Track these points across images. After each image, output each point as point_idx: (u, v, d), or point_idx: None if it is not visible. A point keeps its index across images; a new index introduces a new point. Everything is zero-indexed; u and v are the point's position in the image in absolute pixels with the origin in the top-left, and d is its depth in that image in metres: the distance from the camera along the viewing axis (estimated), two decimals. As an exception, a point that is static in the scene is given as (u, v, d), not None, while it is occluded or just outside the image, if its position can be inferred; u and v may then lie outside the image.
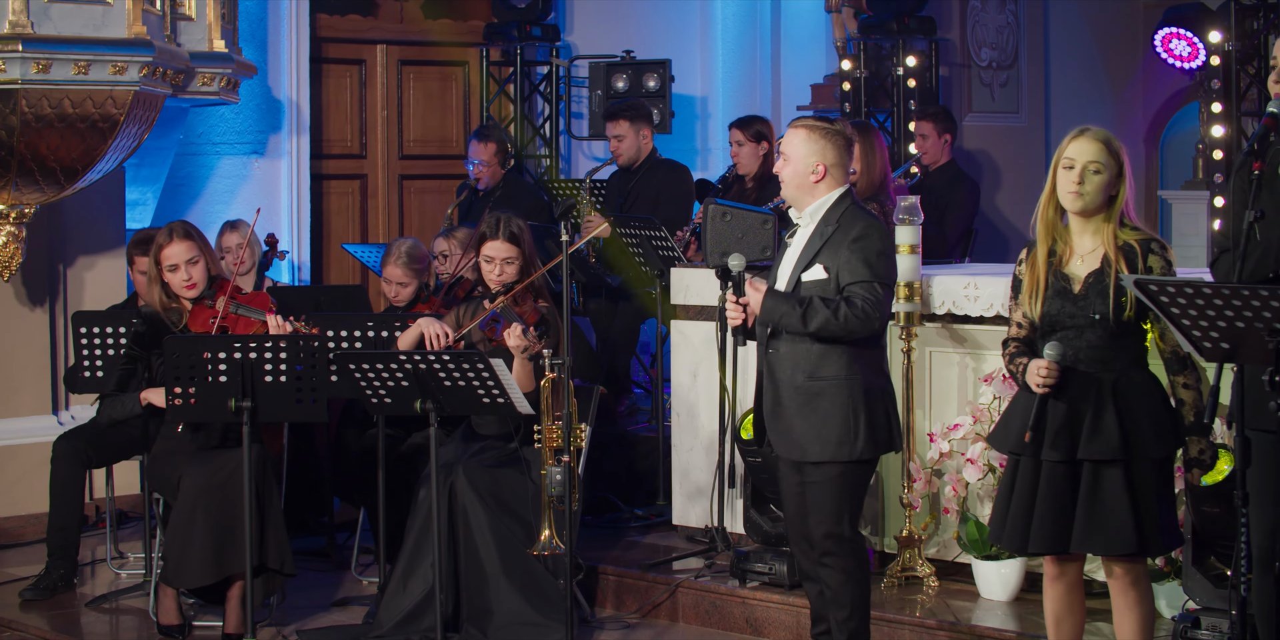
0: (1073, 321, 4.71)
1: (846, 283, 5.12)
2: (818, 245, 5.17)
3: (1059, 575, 4.87)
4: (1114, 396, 4.67)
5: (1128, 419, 4.66)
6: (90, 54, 6.74)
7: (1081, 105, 10.90)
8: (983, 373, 6.07)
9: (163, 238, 6.24)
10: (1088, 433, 4.66)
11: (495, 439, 6.30)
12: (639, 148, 8.71)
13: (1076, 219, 4.77)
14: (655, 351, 8.41)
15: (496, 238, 6.28)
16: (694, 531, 6.97)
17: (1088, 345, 4.70)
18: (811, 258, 5.16)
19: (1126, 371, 4.70)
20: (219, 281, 6.33)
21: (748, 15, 11.05)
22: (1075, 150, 4.71)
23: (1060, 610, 4.90)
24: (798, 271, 5.18)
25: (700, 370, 6.94)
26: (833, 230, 5.16)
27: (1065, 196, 4.72)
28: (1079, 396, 4.69)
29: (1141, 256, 4.69)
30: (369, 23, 10.07)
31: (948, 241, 8.67)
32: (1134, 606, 4.79)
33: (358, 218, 10.04)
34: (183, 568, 5.97)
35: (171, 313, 6.25)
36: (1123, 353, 4.70)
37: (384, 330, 6.68)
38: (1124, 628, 4.82)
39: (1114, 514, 4.64)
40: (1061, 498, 4.70)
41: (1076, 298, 4.71)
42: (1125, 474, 4.65)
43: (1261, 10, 8.70)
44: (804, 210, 5.24)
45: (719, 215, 6.43)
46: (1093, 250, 4.75)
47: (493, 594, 6.05)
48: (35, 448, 7.50)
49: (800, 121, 5.29)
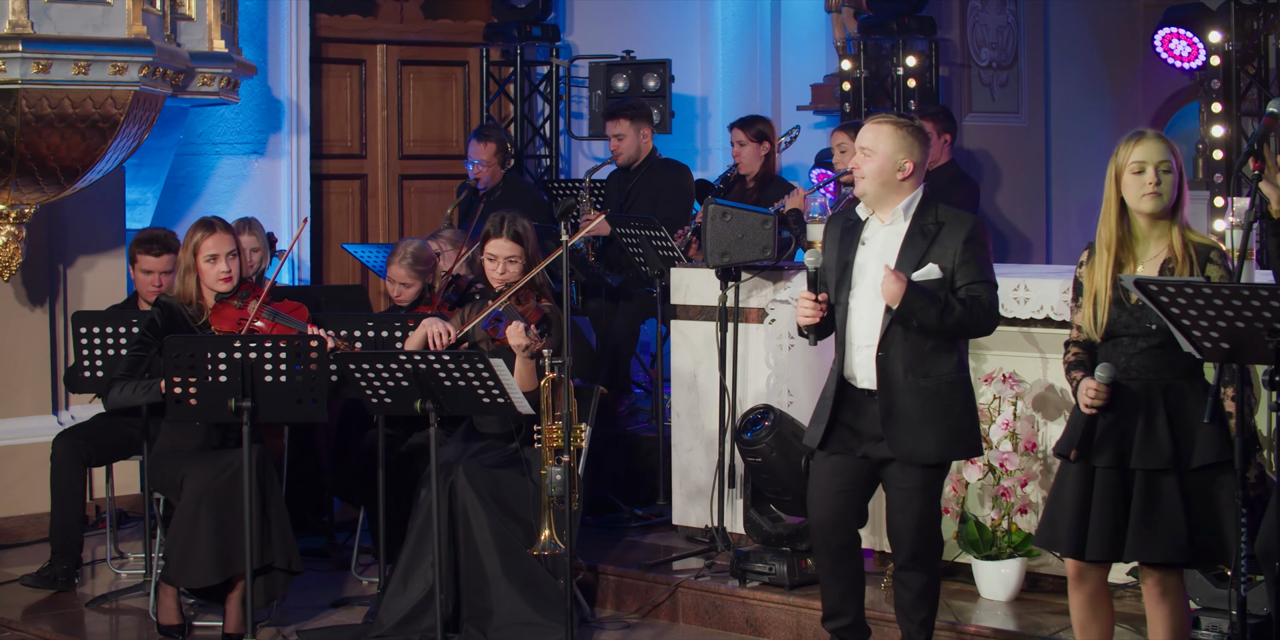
0: (1128, 331, 4.70)
1: (965, 282, 5.08)
2: (924, 244, 5.09)
3: (1081, 582, 4.84)
4: (1165, 405, 4.66)
5: (1179, 428, 4.64)
6: (90, 54, 6.74)
7: (1081, 105, 10.90)
8: (983, 373, 6.07)
9: (204, 228, 6.18)
10: (1140, 441, 4.65)
11: (496, 438, 6.30)
12: (639, 147, 8.71)
13: (1143, 224, 4.72)
14: (655, 351, 8.41)
15: (500, 236, 6.28)
16: (694, 531, 6.97)
17: (1140, 353, 4.68)
18: (921, 256, 5.08)
19: (1178, 381, 4.68)
20: (249, 283, 6.31)
21: (748, 15, 11.05)
22: (1144, 153, 4.69)
23: (1085, 617, 4.88)
24: (905, 270, 5.06)
25: (700, 370, 6.94)
26: (937, 229, 5.11)
27: (1143, 200, 4.68)
28: (1131, 405, 4.67)
29: (1200, 264, 4.67)
30: (369, 23, 10.07)
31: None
32: (1167, 617, 4.78)
33: (358, 218, 10.04)
34: (186, 567, 5.96)
35: (193, 308, 6.22)
36: (1176, 362, 4.65)
37: (384, 330, 6.68)
38: (1156, 636, 4.81)
39: (1170, 523, 4.62)
40: (1116, 506, 4.68)
41: (1133, 308, 4.67)
42: (1180, 483, 4.63)
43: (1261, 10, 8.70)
44: (892, 208, 5.15)
45: (719, 215, 6.44)
46: (1154, 257, 4.72)
47: (493, 594, 6.04)
48: (35, 448, 7.50)
49: (884, 118, 5.23)
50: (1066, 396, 5.97)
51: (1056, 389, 6.04)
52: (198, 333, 6.11)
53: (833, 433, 5.20)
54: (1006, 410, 5.96)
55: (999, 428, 5.94)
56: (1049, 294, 5.95)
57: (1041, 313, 5.98)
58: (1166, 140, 4.74)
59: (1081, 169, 10.72)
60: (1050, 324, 5.97)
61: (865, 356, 5.14)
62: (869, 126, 5.20)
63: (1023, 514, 5.92)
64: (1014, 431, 5.93)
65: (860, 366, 5.16)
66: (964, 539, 6.03)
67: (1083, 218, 10.68)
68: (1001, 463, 5.89)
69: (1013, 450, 5.91)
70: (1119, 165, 4.71)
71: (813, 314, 5.12)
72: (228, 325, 6.17)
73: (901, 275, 5.01)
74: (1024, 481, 5.91)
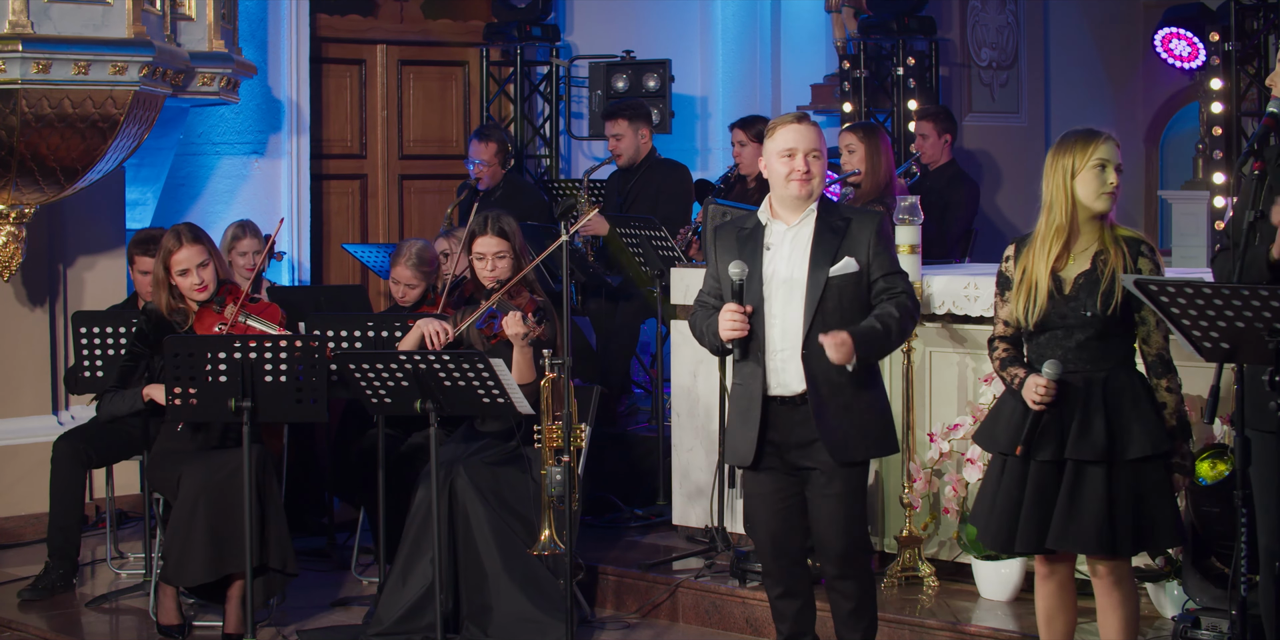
0: (1063, 322, 4.73)
1: (881, 273, 5.06)
2: (835, 240, 5.05)
3: (1049, 574, 4.89)
4: (1104, 396, 4.69)
5: (1116, 420, 4.67)
6: (90, 54, 6.73)
7: (1081, 105, 10.90)
8: (983, 373, 6.07)
9: (171, 242, 6.19)
10: (1076, 433, 4.68)
11: (497, 437, 6.31)
12: (638, 147, 8.71)
13: (1082, 219, 4.76)
14: (655, 351, 8.41)
15: (485, 233, 6.31)
16: (694, 531, 6.97)
17: (1077, 345, 4.72)
18: (835, 251, 5.03)
19: (1115, 371, 4.72)
20: (228, 286, 6.31)
21: (748, 15, 11.05)
22: (1108, 152, 4.74)
23: (1051, 609, 4.92)
24: (821, 267, 5.03)
25: (700, 370, 6.94)
26: (845, 224, 5.08)
27: (1100, 198, 4.72)
28: (1069, 398, 4.70)
29: (1131, 256, 4.72)
30: (369, 23, 10.07)
31: (948, 242, 8.67)
32: (1117, 607, 4.80)
33: (358, 218, 10.03)
34: (183, 566, 5.96)
35: (176, 314, 6.23)
36: (1112, 352, 4.71)
37: (384, 330, 6.69)
38: (1108, 627, 4.83)
39: (1090, 513, 4.66)
40: (1048, 497, 4.71)
41: (1067, 298, 4.72)
42: (1107, 474, 4.67)
43: (1261, 10, 8.70)
44: (804, 210, 5.12)
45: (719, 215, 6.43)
46: (1085, 249, 4.77)
47: (493, 591, 6.05)
48: (35, 448, 7.50)
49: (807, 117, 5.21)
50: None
51: (1056, 389, 6.03)
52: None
53: (763, 449, 5.08)
54: (1006, 410, 5.96)
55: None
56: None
57: (1041, 313, 5.97)
58: (1117, 140, 4.79)
59: (1081, 169, 10.70)
60: (1050, 324, 5.96)
61: (782, 361, 5.04)
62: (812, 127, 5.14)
63: (1023, 514, 5.92)
64: (1014, 431, 5.92)
65: (778, 372, 5.05)
66: (964, 539, 6.03)
67: (1082, 218, 10.67)
68: (1001, 463, 5.89)
69: (1013, 450, 5.90)
70: (1076, 161, 4.74)
71: (738, 326, 5.00)
72: (207, 331, 6.17)
73: (840, 334, 4.90)
74: (1024, 481, 5.90)
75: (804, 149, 5.08)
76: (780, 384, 5.06)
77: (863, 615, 5.17)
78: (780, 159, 5.10)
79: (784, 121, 5.15)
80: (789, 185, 5.09)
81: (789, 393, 5.05)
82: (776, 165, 5.11)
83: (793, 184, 5.08)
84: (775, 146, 5.11)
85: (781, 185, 5.11)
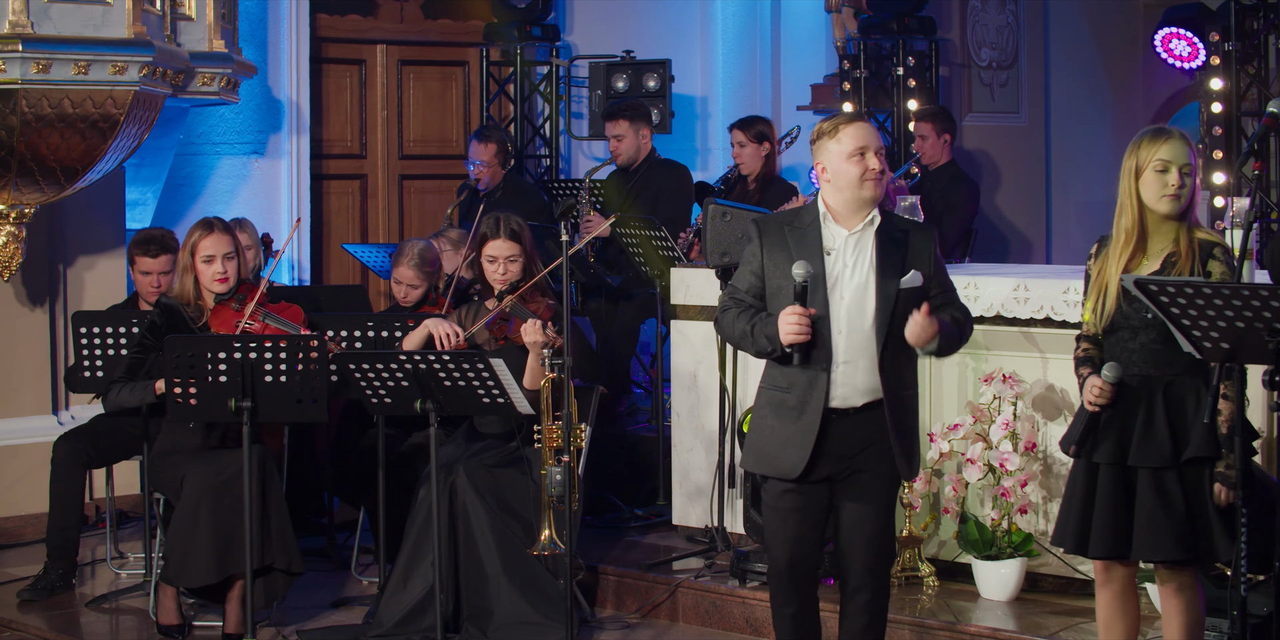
0: (1128, 323, 4.69)
1: (940, 291, 4.91)
2: (899, 252, 4.85)
3: (1107, 581, 4.84)
4: (1165, 401, 4.65)
5: (1178, 425, 4.63)
6: (90, 54, 6.74)
7: (1081, 105, 10.90)
8: (983, 373, 6.07)
9: (202, 228, 6.19)
10: (1139, 438, 4.64)
11: (497, 438, 6.31)
12: (638, 148, 8.71)
13: (1154, 220, 4.70)
14: (655, 351, 8.41)
15: (498, 237, 6.28)
16: (694, 531, 6.97)
17: (1141, 347, 4.67)
18: (901, 263, 4.83)
19: (1180, 376, 4.66)
20: (246, 286, 6.31)
21: (748, 15, 11.05)
22: (1169, 152, 4.66)
23: (1110, 615, 4.87)
24: (891, 278, 4.81)
25: (700, 370, 6.94)
26: (905, 236, 4.89)
27: (1162, 200, 4.65)
28: (1132, 401, 4.67)
29: (1202, 260, 4.65)
30: (369, 23, 10.07)
31: (948, 242, 8.68)
32: (1181, 612, 4.76)
33: (358, 218, 10.03)
34: (185, 567, 5.96)
35: (192, 309, 6.22)
36: (1177, 357, 4.61)
37: (384, 330, 6.69)
38: (1170, 631, 4.80)
39: (1173, 521, 4.61)
40: (1118, 503, 4.67)
41: (1132, 299, 4.62)
42: (1180, 480, 4.63)
43: (1261, 10, 8.70)
44: (866, 214, 4.87)
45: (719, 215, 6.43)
46: (1160, 251, 4.71)
47: (493, 593, 6.05)
48: (35, 448, 7.50)
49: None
50: (1066, 396, 5.98)
51: (1056, 389, 6.03)
52: (197, 334, 6.11)
53: (815, 462, 4.84)
54: (1006, 410, 5.96)
55: (999, 428, 5.93)
56: (1049, 294, 5.95)
57: (1041, 313, 5.98)
58: (1190, 140, 4.71)
59: (1081, 169, 10.72)
60: (1050, 324, 5.97)
61: (845, 372, 4.82)
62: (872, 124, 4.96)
63: (1023, 514, 5.92)
64: (1014, 431, 5.93)
65: (842, 384, 4.83)
66: (964, 539, 6.03)
67: (1082, 218, 10.68)
68: (1001, 463, 5.89)
69: (1013, 450, 5.90)
70: (1140, 161, 4.67)
71: (804, 330, 4.72)
72: (225, 328, 6.17)
73: (932, 317, 4.75)
74: (1024, 482, 5.91)
75: (874, 147, 4.83)
76: (842, 396, 4.83)
77: (875, 629, 5.02)
78: (850, 160, 4.81)
79: (845, 120, 4.87)
80: (864, 186, 4.82)
81: (850, 405, 4.85)
82: (846, 166, 4.81)
83: (868, 184, 4.81)
84: (842, 147, 4.81)
85: (854, 186, 4.82)
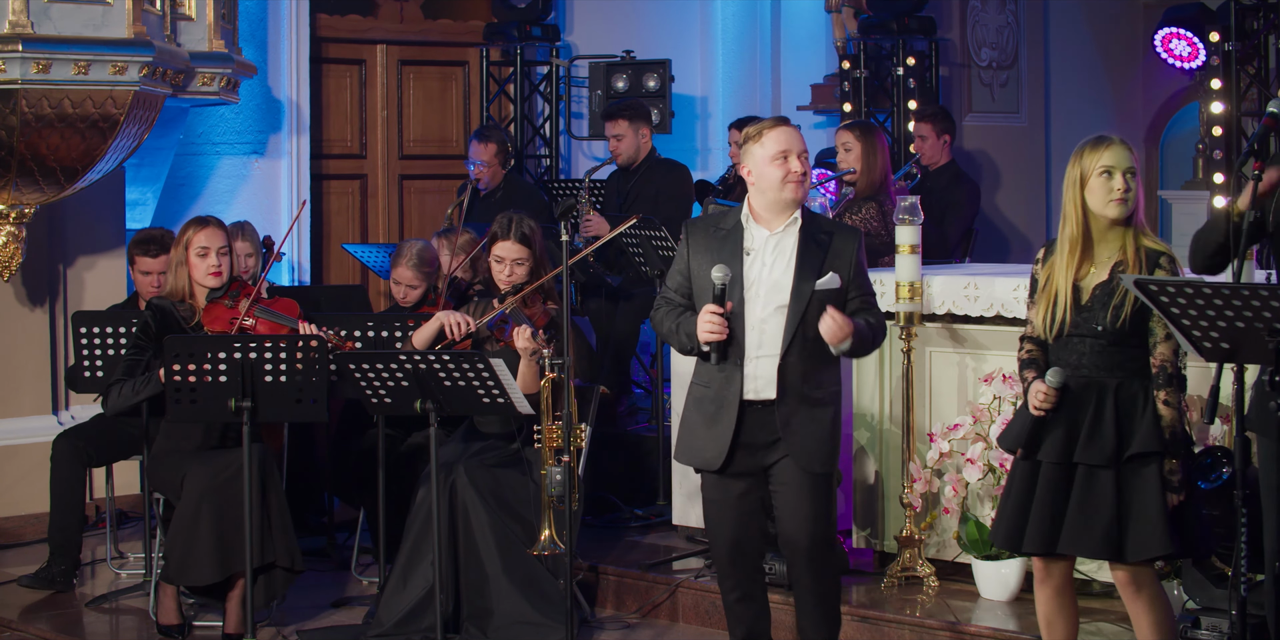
0: (1077, 330, 4.72)
1: (858, 293, 5.11)
2: (820, 253, 5.07)
3: (1046, 577, 4.88)
4: (1115, 402, 4.68)
5: (1125, 425, 4.66)
6: (90, 54, 6.74)
7: (1081, 105, 10.90)
8: (983, 373, 6.07)
9: (196, 224, 6.21)
10: (1085, 437, 4.68)
11: (497, 438, 6.30)
12: (638, 147, 8.71)
13: (1100, 228, 4.74)
14: (655, 351, 8.41)
15: (508, 238, 6.28)
16: (694, 531, 6.97)
17: (1091, 350, 4.71)
18: (820, 265, 5.06)
19: (1129, 379, 4.70)
20: (239, 283, 6.31)
21: (748, 15, 11.05)
22: (1113, 158, 4.70)
23: (1050, 612, 4.91)
24: (808, 279, 5.05)
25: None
26: (829, 238, 5.09)
27: (1110, 205, 4.70)
28: (1080, 401, 4.70)
29: (1149, 269, 4.69)
30: (369, 23, 10.08)
31: (948, 242, 8.67)
32: (1146, 611, 4.78)
33: (358, 218, 10.04)
34: (187, 566, 5.96)
35: (184, 307, 6.22)
36: (1127, 361, 4.69)
37: (384, 330, 6.69)
38: (1141, 631, 4.82)
39: (1100, 518, 4.65)
40: (1056, 499, 4.71)
41: (1083, 308, 4.71)
42: (1116, 479, 4.66)
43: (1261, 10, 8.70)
44: (789, 216, 5.12)
45: (719, 215, 6.42)
46: (1107, 258, 4.74)
47: (493, 593, 6.05)
48: (35, 448, 7.50)
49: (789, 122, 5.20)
50: (1066, 396, 5.98)
51: (1056, 389, 6.03)
52: (190, 333, 6.11)
53: (734, 453, 5.12)
54: (1006, 410, 5.96)
55: (999, 427, 5.93)
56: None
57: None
58: (1130, 146, 4.76)
59: (1081, 169, 10.69)
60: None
61: (758, 367, 5.07)
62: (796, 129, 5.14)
63: (1023, 514, 5.92)
64: (1014, 431, 5.92)
65: (754, 378, 5.08)
66: (964, 539, 6.03)
67: (1083, 218, 10.66)
68: (1001, 463, 5.89)
69: (1013, 450, 5.90)
70: (1084, 170, 4.72)
71: (719, 329, 4.99)
72: (219, 325, 6.16)
73: (847, 318, 4.97)
74: (1024, 481, 5.90)
75: (796, 150, 5.08)
76: (755, 390, 5.09)
77: (826, 612, 5.19)
78: (773, 163, 5.08)
79: (769, 125, 5.13)
80: (785, 188, 5.07)
81: (763, 398, 5.09)
82: (769, 169, 5.08)
83: (789, 186, 5.07)
84: (765, 151, 5.09)
85: (776, 189, 5.09)
